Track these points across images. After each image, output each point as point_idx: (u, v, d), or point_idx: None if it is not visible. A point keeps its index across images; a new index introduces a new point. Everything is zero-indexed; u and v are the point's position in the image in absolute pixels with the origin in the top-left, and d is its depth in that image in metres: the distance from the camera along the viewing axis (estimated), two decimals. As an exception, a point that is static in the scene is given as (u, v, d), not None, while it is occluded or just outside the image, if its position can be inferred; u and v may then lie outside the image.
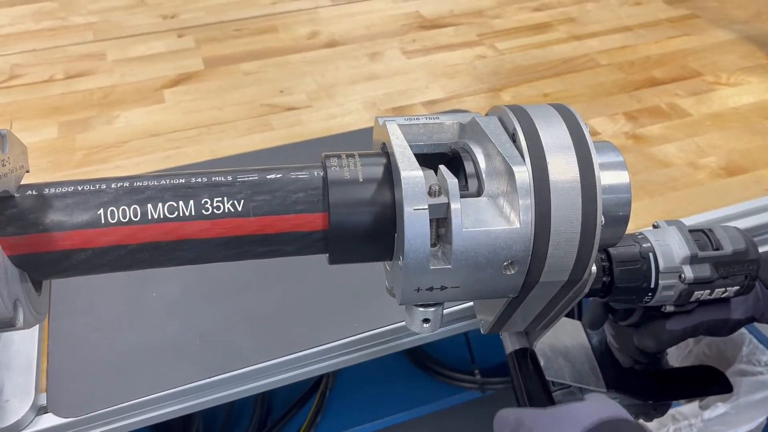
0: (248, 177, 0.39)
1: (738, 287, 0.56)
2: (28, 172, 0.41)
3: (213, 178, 0.39)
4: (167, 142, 1.02)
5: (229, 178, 0.39)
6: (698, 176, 0.94)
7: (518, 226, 0.35)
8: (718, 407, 1.21)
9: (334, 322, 0.73)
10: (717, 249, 0.56)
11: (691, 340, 1.24)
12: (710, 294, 0.56)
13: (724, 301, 0.59)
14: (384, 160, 0.39)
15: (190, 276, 0.77)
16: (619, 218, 0.40)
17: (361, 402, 1.32)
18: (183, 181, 0.39)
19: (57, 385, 0.65)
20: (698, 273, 0.54)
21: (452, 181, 0.35)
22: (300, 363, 0.71)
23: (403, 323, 0.73)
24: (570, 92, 1.13)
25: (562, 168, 0.36)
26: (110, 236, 0.37)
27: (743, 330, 1.33)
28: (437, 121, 0.41)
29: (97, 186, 0.38)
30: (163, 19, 1.40)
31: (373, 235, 0.38)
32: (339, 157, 0.40)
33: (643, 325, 0.61)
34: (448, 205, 0.35)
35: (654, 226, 0.59)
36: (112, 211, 0.37)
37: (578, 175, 0.37)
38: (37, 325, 0.70)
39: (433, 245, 0.36)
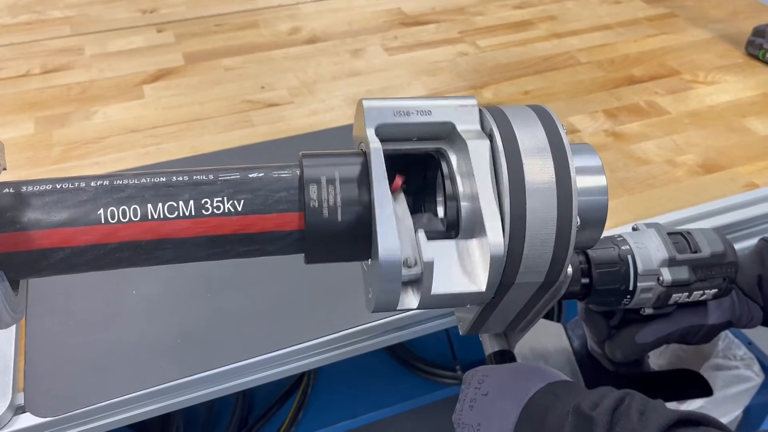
0: (230, 176, 0.39)
1: (716, 290, 0.57)
2: (5, 170, 0.41)
3: (194, 177, 0.39)
4: (147, 138, 1.00)
5: (211, 176, 0.39)
6: (676, 174, 0.95)
7: (483, 289, 0.36)
8: (695, 401, 1.23)
9: (316, 319, 0.72)
10: (695, 251, 0.56)
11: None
12: (688, 297, 0.56)
13: (701, 305, 0.59)
14: (361, 160, 0.39)
15: (171, 274, 0.76)
16: (595, 221, 0.40)
17: (343, 399, 1.32)
18: (164, 179, 0.38)
19: (35, 385, 0.64)
20: (676, 275, 0.55)
21: (428, 259, 0.35)
22: (281, 360, 0.71)
23: (385, 320, 0.73)
24: (550, 90, 1.14)
25: (538, 170, 0.37)
26: (89, 235, 0.37)
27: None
28: (427, 119, 0.40)
29: (76, 184, 0.38)
30: (142, 13, 1.38)
31: (349, 236, 0.38)
32: (317, 156, 0.40)
33: (614, 336, 0.61)
34: (421, 274, 0.36)
35: (633, 229, 0.60)
36: (91, 210, 0.37)
37: (554, 178, 0.37)
38: (14, 325, 0.69)
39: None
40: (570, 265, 0.39)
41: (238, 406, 1.34)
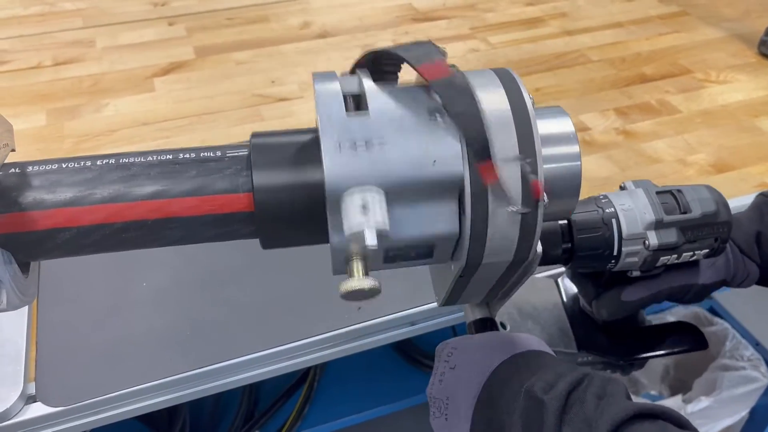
0: (238, 152, 0.38)
1: (707, 250, 0.54)
2: (13, 150, 0.41)
3: (201, 154, 0.39)
4: (157, 131, 1.01)
5: (218, 153, 0.38)
6: (687, 173, 0.94)
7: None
8: (701, 401, 1.23)
9: (324, 313, 0.73)
10: (685, 212, 0.53)
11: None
12: (677, 259, 0.53)
13: (692, 265, 0.56)
14: (314, 135, 0.37)
15: (181, 265, 0.77)
16: (568, 190, 0.38)
17: (350, 393, 1.32)
18: (170, 157, 0.38)
19: (46, 375, 0.65)
20: (663, 239, 0.52)
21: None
22: (289, 354, 0.72)
23: (392, 316, 0.73)
24: (561, 87, 1.14)
25: (500, 142, 0.35)
26: (95, 214, 0.37)
27: (726, 325, 1.35)
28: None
29: (82, 163, 0.38)
30: (153, 6, 1.38)
31: (303, 215, 0.37)
32: (269, 135, 0.39)
33: (600, 295, 0.58)
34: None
35: (621, 188, 0.56)
36: (96, 189, 0.36)
37: (516, 146, 0.35)
38: (26, 314, 0.69)
39: None
40: (540, 243, 0.37)
41: (244, 399, 1.34)
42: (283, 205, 0.37)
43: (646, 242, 0.52)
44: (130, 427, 1.07)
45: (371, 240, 0.32)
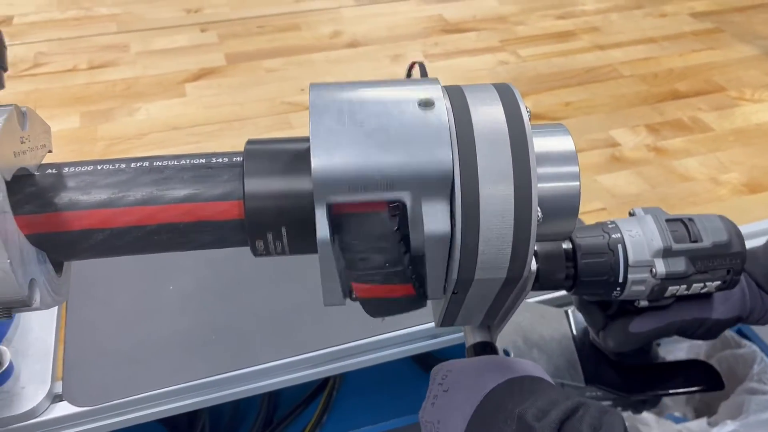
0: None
1: (719, 282, 0.52)
2: (50, 152, 0.42)
3: (233, 159, 0.39)
4: (188, 136, 1.02)
5: (225, 159, 0.39)
6: (719, 192, 0.93)
7: None
8: (727, 425, 1.20)
9: (346, 323, 0.73)
10: (695, 241, 0.51)
11: (701, 357, 1.23)
12: (687, 289, 0.51)
13: (704, 298, 0.54)
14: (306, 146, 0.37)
15: (207, 272, 0.77)
16: (565, 210, 0.37)
17: (368, 404, 1.32)
18: (203, 161, 0.38)
19: (73, 374, 0.66)
20: (672, 267, 0.50)
21: None
22: (310, 363, 0.71)
23: (415, 328, 0.73)
24: (592, 102, 1.13)
25: (493, 154, 0.34)
26: (128, 216, 0.37)
27: (754, 348, 1.32)
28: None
29: (117, 165, 0.38)
30: (186, 13, 1.40)
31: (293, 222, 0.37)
32: (262, 143, 0.39)
33: (608, 326, 0.56)
34: None
35: (630, 214, 0.55)
36: (130, 191, 0.37)
37: (510, 163, 0.34)
38: (55, 314, 0.70)
39: None
40: (534, 260, 0.36)
41: (263, 406, 1.35)
42: (273, 212, 0.37)
43: (653, 270, 0.50)
44: (152, 430, 1.08)
45: None
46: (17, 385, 0.63)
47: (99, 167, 0.39)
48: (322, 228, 0.34)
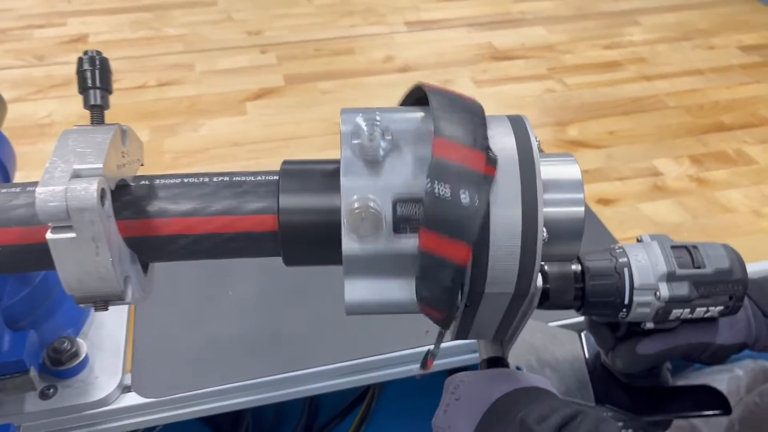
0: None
1: (722, 307, 0.54)
2: (142, 165, 0.47)
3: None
4: (247, 152, 1.08)
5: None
6: (762, 224, 0.94)
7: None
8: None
9: (392, 333, 0.76)
10: (698, 267, 0.54)
11: (741, 390, 1.23)
12: (691, 313, 0.54)
13: (710, 323, 0.57)
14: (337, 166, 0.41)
15: (264, 279, 0.82)
16: (570, 234, 0.41)
17: (406, 416, 1.34)
18: (275, 178, 0.43)
19: (140, 368, 0.71)
20: (675, 291, 0.52)
21: None
22: (354, 370, 0.76)
23: (458, 342, 0.76)
24: (636, 131, 1.15)
25: (504, 180, 0.37)
26: (210, 224, 0.42)
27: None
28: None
29: (201, 179, 0.44)
30: (248, 35, 1.48)
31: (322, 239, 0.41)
32: (298, 162, 0.43)
33: (617, 347, 0.59)
34: None
35: (638, 240, 0.57)
36: (212, 202, 0.42)
37: (519, 188, 0.37)
38: (126, 313, 0.76)
39: None
40: (540, 278, 0.40)
41: (304, 414, 1.39)
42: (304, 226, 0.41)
43: (658, 293, 0.52)
44: (197, 430, 1.13)
45: None
46: (92, 375, 0.69)
47: (185, 180, 0.44)
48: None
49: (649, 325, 0.55)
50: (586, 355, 0.67)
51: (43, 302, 0.68)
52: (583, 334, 0.69)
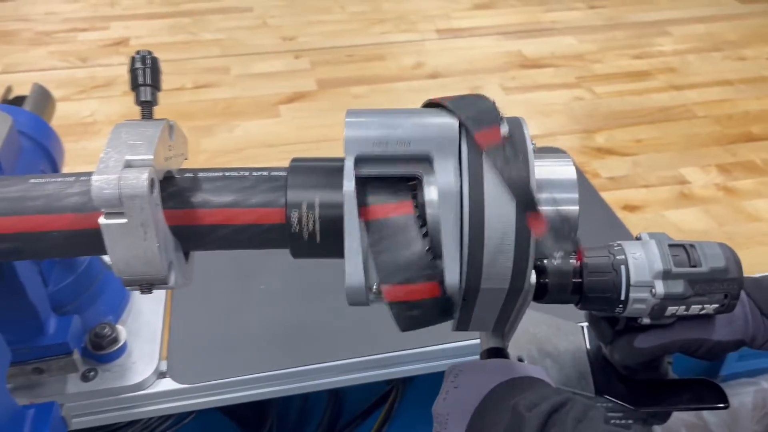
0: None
1: (717, 305, 0.55)
2: (186, 159, 0.51)
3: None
4: (280, 153, 1.12)
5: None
6: (788, 234, 0.95)
7: None
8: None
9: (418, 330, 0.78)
10: (694, 266, 0.54)
11: (768, 402, 1.22)
12: (686, 310, 0.55)
13: (707, 320, 0.57)
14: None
15: (294, 273, 0.85)
16: (564, 233, 0.43)
17: (428, 416, 1.36)
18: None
19: (176, 355, 0.75)
20: (670, 289, 0.53)
21: None
22: (380, 364, 0.78)
23: (477, 340, 0.78)
24: (663, 140, 1.16)
25: (498, 182, 0.39)
26: (249, 216, 0.45)
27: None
28: (405, 151, 0.42)
29: (241, 173, 0.47)
30: (282, 40, 1.52)
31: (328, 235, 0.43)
32: (307, 160, 0.46)
33: (615, 341, 0.60)
34: None
35: (637, 238, 0.58)
36: (252, 195, 0.45)
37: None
38: (162, 302, 0.80)
39: None
40: (534, 274, 0.41)
41: (327, 412, 1.41)
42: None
43: (653, 290, 0.53)
44: (223, 426, 1.17)
45: None
46: (129, 360, 0.72)
47: (227, 174, 0.47)
48: (349, 179, 0.41)
49: (646, 320, 0.56)
50: (588, 347, 0.68)
51: (86, 289, 0.72)
52: (585, 327, 0.70)
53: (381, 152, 0.41)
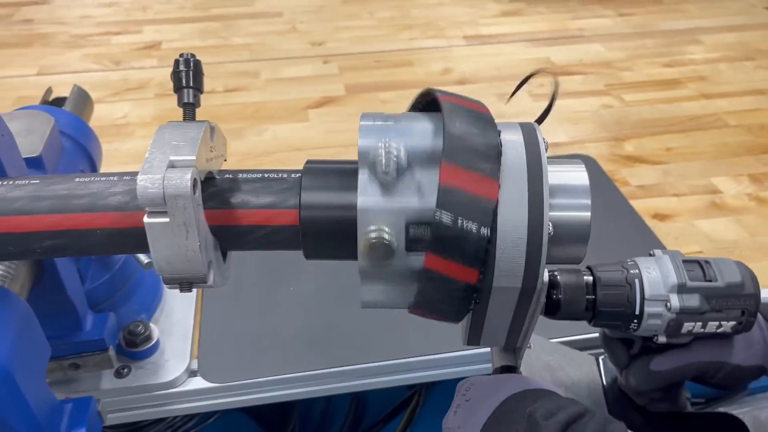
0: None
1: (734, 323, 0.54)
2: (225, 160, 0.51)
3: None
4: (309, 156, 1.11)
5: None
6: (822, 245, 0.93)
7: None
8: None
9: (445, 334, 0.78)
10: (709, 280, 0.53)
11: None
12: (703, 327, 0.54)
13: (725, 342, 0.56)
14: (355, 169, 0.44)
15: (323, 275, 0.86)
16: (576, 236, 0.43)
17: (451, 423, 1.36)
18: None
19: (206, 354, 0.76)
20: (686, 303, 0.52)
21: None
22: (407, 368, 0.78)
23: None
24: (694, 149, 1.15)
25: (511, 179, 0.40)
26: (287, 217, 0.46)
27: None
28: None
29: (280, 175, 0.47)
30: (311, 45, 1.54)
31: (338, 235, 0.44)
32: (321, 162, 0.47)
33: (630, 364, 0.59)
34: None
35: (650, 254, 0.57)
36: (290, 197, 0.45)
37: (526, 186, 0.40)
38: (194, 302, 0.81)
39: None
40: (546, 274, 0.41)
41: (349, 415, 1.42)
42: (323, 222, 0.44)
43: (668, 304, 0.53)
44: (247, 427, 1.17)
45: None
46: (162, 358, 0.73)
47: (266, 175, 0.48)
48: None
49: (662, 338, 0.55)
50: (603, 379, 0.67)
51: (121, 287, 0.73)
52: (601, 359, 0.69)
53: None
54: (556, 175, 0.43)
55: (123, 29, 1.62)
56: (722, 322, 0.54)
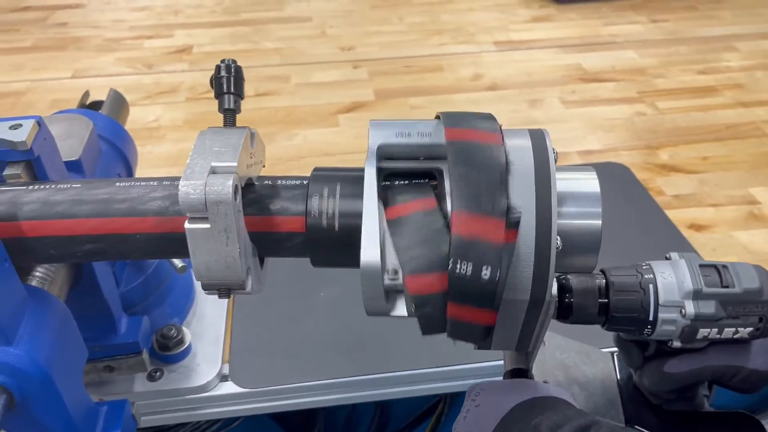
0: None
1: (752, 329, 0.52)
2: (264, 166, 0.51)
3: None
4: (338, 162, 1.13)
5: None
6: None
7: None
8: None
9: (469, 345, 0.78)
10: (726, 286, 0.52)
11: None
12: (719, 333, 0.52)
13: (742, 347, 0.54)
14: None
15: (353, 281, 0.85)
16: (587, 246, 0.42)
17: None
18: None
19: (237, 359, 0.75)
20: (701, 309, 0.51)
21: None
22: (431, 378, 0.77)
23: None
24: (731, 158, 1.13)
25: (520, 188, 0.39)
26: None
27: None
28: (427, 141, 0.43)
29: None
30: (341, 50, 1.54)
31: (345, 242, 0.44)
32: (327, 169, 0.47)
33: (645, 365, 0.57)
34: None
35: (666, 258, 0.56)
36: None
37: (534, 196, 0.39)
38: (225, 308, 0.81)
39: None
40: (555, 285, 0.40)
41: (374, 423, 1.41)
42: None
43: (683, 311, 0.51)
44: (271, 429, 1.17)
45: None
46: (194, 362, 0.73)
47: (305, 182, 0.48)
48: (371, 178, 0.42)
49: (676, 344, 0.54)
50: (618, 376, 0.65)
51: (154, 291, 0.73)
52: (616, 356, 0.67)
53: (404, 141, 0.43)
54: (565, 182, 0.42)
55: (155, 33, 1.64)
56: (739, 329, 0.52)
